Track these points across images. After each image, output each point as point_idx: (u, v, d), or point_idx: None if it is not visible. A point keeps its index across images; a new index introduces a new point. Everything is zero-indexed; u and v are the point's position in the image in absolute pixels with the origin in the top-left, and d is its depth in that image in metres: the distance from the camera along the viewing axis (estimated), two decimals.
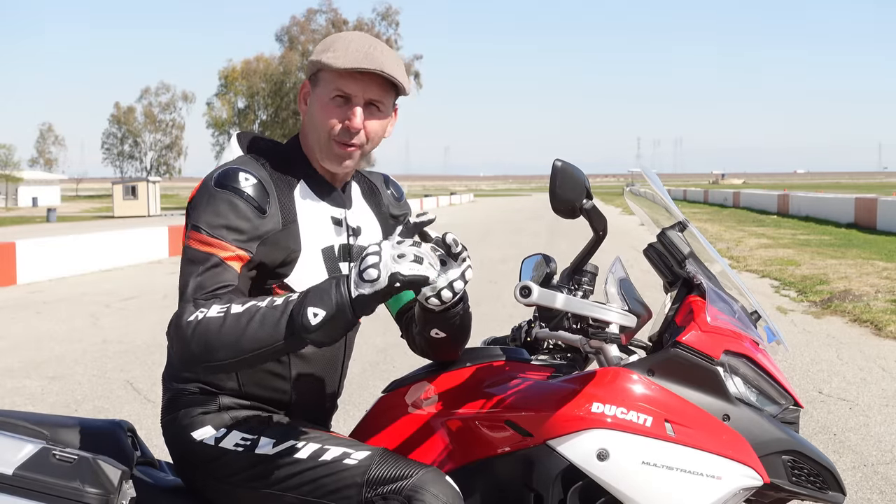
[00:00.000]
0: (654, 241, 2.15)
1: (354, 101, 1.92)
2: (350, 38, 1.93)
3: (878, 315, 8.94)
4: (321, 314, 1.66)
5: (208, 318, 1.70)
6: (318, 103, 1.94)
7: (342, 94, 1.92)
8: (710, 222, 28.00)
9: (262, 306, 1.71)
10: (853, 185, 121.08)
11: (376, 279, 1.64)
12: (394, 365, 6.58)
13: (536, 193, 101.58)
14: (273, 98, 66.02)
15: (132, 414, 5.57)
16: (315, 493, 1.87)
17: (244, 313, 1.70)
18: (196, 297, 1.76)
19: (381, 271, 1.64)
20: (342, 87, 1.91)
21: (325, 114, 1.93)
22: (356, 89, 1.91)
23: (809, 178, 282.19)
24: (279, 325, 1.68)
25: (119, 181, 52.71)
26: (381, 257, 1.66)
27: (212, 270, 1.79)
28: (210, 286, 1.78)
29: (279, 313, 1.69)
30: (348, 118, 1.92)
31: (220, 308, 1.71)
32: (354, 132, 1.93)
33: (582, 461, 1.87)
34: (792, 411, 2.01)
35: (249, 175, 1.88)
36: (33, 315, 10.48)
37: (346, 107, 1.92)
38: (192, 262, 1.81)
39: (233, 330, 1.68)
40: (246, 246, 1.84)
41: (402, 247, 1.67)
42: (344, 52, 1.89)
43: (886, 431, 5.19)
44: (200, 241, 1.82)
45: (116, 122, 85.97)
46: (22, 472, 1.83)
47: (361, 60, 1.88)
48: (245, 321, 1.69)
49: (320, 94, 1.94)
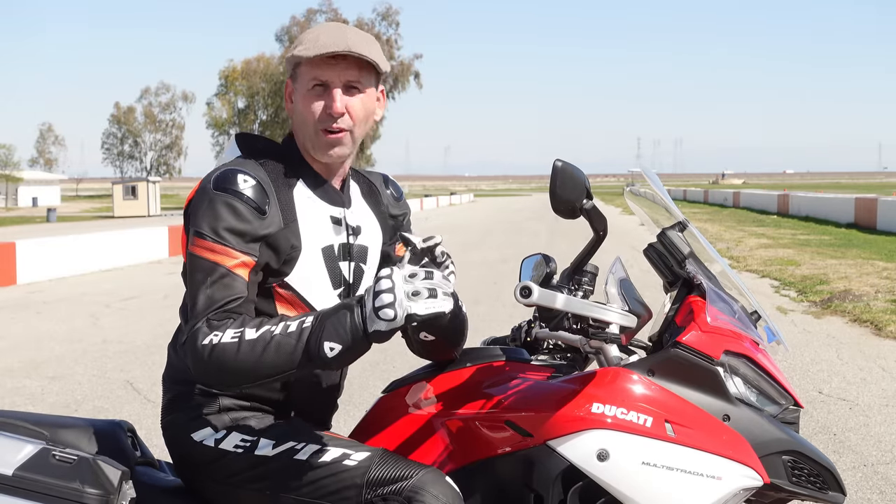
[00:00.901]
0: (654, 241, 2.15)
1: (332, 86, 1.94)
2: (319, 28, 1.96)
3: (878, 315, 8.94)
4: (337, 348, 1.70)
5: (223, 344, 1.73)
6: (300, 96, 1.96)
7: (319, 83, 1.93)
8: (710, 222, 28.00)
9: (276, 333, 1.73)
10: (853, 185, 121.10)
11: (393, 318, 1.66)
12: (394, 365, 6.58)
13: (536, 193, 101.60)
14: (273, 98, 66.02)
15: (132, 414, 5.57)
16: (315, 494, 1.87)
17: (259, 340, 1.72)
18: (209, 314, 1.78)
19: (397, 311, 1.66)
20: (318, 76, 1.93)
21: (307, 105, 1.95)
22: (331, 75, 1.93)
23: (809, 177, 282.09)
24: (295, 353, 1.71)
25: (119, 181, 52.72)
26: (395, 295, 1.66)
27: (220, 282, 1.80)
28: (221, 300, 1.79)
29: (294, 341, 1.71)
30: (329, 104, 1.93)
31: (234, 333, 1.74)
32: (338, 115, 1.94)
33: (582, 461, 1.87)
34: (792, 411, 2.01)
35: (248, 176, 1.88)
36: (33, 315, 10.48)
37: (325, 94, 1.94)
38: (199, 272, 1.82)
39: (248, 357, 1.72)
40: (249, 249, 1.84)
41: (415, 282, 1.68)
42: (314, 42, 1.91)
43: (886, 431, 5.19)
44: (206, 249, 1.82)
45: (116, 122, 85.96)
46: (22, 473, 1.83)
47: (331, 45, 1.90)
48: (260, 349, 1.71)
49: (300, 88, 1.96)
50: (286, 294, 1.94)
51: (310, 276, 1.94)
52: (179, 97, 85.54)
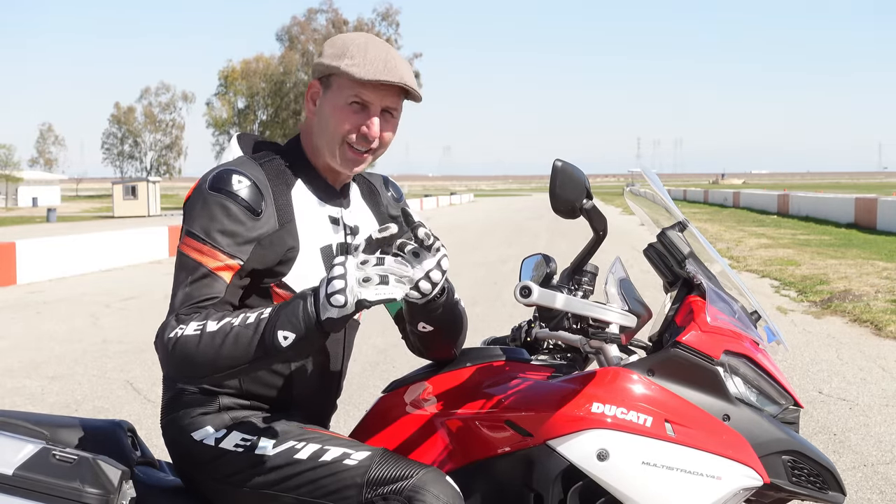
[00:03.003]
0: (654, 241, 2.15)
1: (372, 110, 1.93)
2: (365, 44, 1.92)
3: (878, 315, 8.94)
4: (290, 337, 1.70)
5: (185, 337, 1.74)
6: (332, 107, 1.94)
7: (359, 102, 1.92)
8: (710, 222, 28.00)
9: (235, 324, 1.74)
10: (853, 185, 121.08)
11: (343, 305, 1.67)
12: (394, 365, 6.58)
13: (536, 193, 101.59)
14: (273, 98, 66.04)
15: (132, 414, 5.57)
16: (315, 494, 1.87)
17: (218, 332, 1.74)
18: (180, 310, 1.80)
19: (347, 297, 1.66)
20: (360, 95, 1.91)
21: (339, 118, 1.93)
22: (374, 98, 1.92)
23: (809, 177, 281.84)
24: (251, 344, 1.72)
25: (119, 181, 52.70)
26: (346, 281, 1.67)
27: (200, 281, 1.82)
28: (196, 297, 1.82)
29: (251, 332, 1.72)
30: (366, 125, 1.93)
31: (196, 325, 1.75)
32: (372, 140, 1.94)
33: (582, 461, 1.87)
34: (792, 411, 2.01)
35: (243, 177, 1.88)
36: (33, 315, 10.48)
37: (362, 114, 1.93)
38: (183, 270, 1.85)
39: (208, 348, 1.73)
40: (238, 252, 1.85)
41: (366, 268, 1.67)
42: (362, 59, 1.89)
43: (886, 431, 5.19)
44: (193, 248, 1.84)
45: (116, 122, 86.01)
46: (22, 473, 1.83)
47: (382, 72, 1.88)
48: (220, 340, 1.73)
49: (334, 98, 1.94)
50: (284, 294, 1.94)
51: (308, 275, 1.95)
52: (179, 97, 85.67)
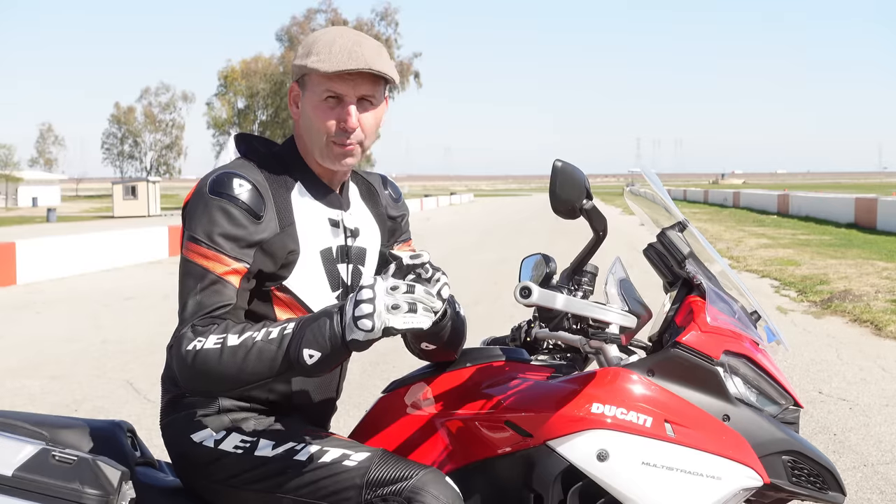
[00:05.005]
0: (654, 241, 2.15)
1: (347, 101, 1.92)
2: (331, 37, 1.92)
3: (878, 315, 8.94)
4: (316, 355, 1.70)
5: (206, 350, 1.73)
6: (311, 106, 1.94)
7: (333, 95, 1.92)
8: (710, 222, 27.99)
9: (258, 339, 1.73)
10: (853, 185, 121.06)
11: (370, 330, 1.67)
12: (394, 365, 6.58)
13: (536, 193, 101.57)
14: (273, 98, 66.05)
15: (132, 414, 5.57)
16: (315, 495, 1.87)
17: (240, 346, 1.73)
18: (195, 321, 1.79)
19: (375, 322, 1.66)
20: (332, 88, 1.91)
21: (319, 116, 1.93)
22: (346, 89, 1.91)
23: (809, 177, 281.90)
24: (275, 360, 1.72)
25: (119, 181, 52.68)
26: (375, 306, 1.66)
27: (210, 288, 1.81)
28: (209, 306, 1.80)
29: (275, 348, 1.72)
30: (343, 118, 1.92)
31: (216, 339, 1.74)
32: (351, 131, 1.93)
33: (582, 462, 1.87)
34: (792, 411, 2.01)
35: (243, 181, 1.88)
36: (33, 315, 10.48)
37: (339, 107, 1.92)
38: (190, 277, 1.83)
39: (230, 363, 1.72)
40: (243, 255, 1.84)
41: (396, 295, 1.67)
42: (328, 54, 1.88)
43: (886, 431, 5.19)
44: (198, 254, 1.83)
45: (116, 122, 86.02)
46: (21, 474, 1.83)
47: (347, 61, 1.87)
48: (242, 355, 1.72)
49: (311, 97, 1.94)
50: (284, 297, 1.94)
51: (308, 278, 1.94)
52: (179, 97, 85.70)
